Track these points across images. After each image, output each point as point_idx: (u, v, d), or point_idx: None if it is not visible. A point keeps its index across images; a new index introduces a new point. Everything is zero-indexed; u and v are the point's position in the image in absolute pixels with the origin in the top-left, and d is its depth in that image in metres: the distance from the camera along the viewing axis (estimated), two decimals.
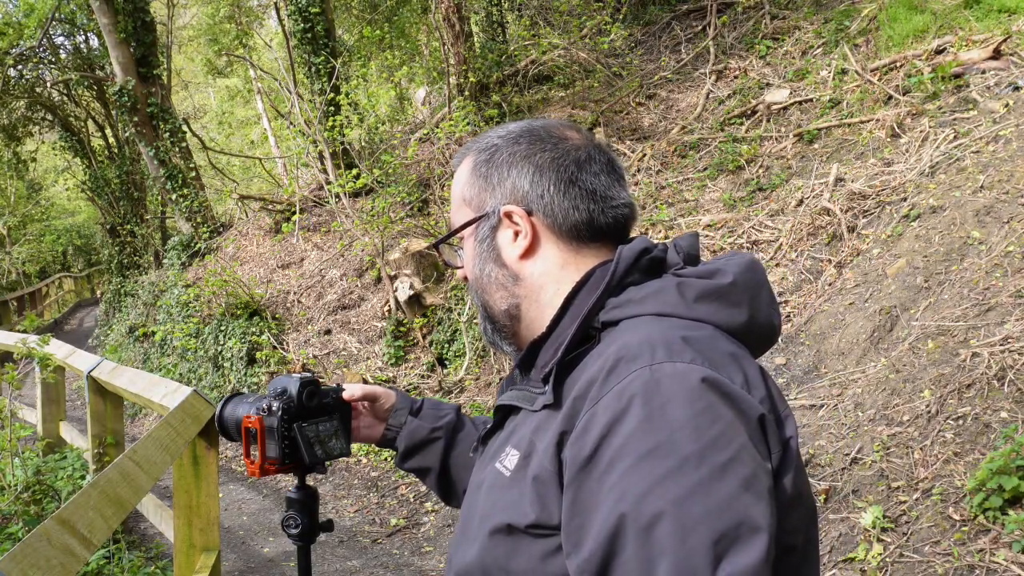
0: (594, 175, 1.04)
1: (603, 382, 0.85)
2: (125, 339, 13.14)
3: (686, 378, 0.82)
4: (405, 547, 5.16)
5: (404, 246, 7.84)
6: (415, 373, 7.31)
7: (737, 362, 0.88)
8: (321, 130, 9.34)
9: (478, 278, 1.09)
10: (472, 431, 1.40)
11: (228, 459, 7.43)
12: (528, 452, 0.92)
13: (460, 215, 1.12)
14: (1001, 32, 6.76)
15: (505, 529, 0.90)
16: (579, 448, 0.83)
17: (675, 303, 0.93)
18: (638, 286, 0.97)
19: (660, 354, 0.85)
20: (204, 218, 12.27)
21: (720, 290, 0.94)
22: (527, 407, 0.98)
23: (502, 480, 0.94)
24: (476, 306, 1.12)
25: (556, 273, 1.04)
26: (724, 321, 0.94)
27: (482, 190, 1.08)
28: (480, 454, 1.11)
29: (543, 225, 1.04)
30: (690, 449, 0.78)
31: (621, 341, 0.89)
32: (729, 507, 0.76)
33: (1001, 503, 3.09)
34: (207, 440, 3.49)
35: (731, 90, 8.78)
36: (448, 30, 10.25)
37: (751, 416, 0.83)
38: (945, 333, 4.25)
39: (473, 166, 1.10)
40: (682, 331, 0.89)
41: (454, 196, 1.13)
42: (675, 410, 0.80)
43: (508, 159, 1.06)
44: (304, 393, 1.30)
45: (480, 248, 1.08)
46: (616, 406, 0.82)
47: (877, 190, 6.01)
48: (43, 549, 1.73)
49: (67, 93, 17.31)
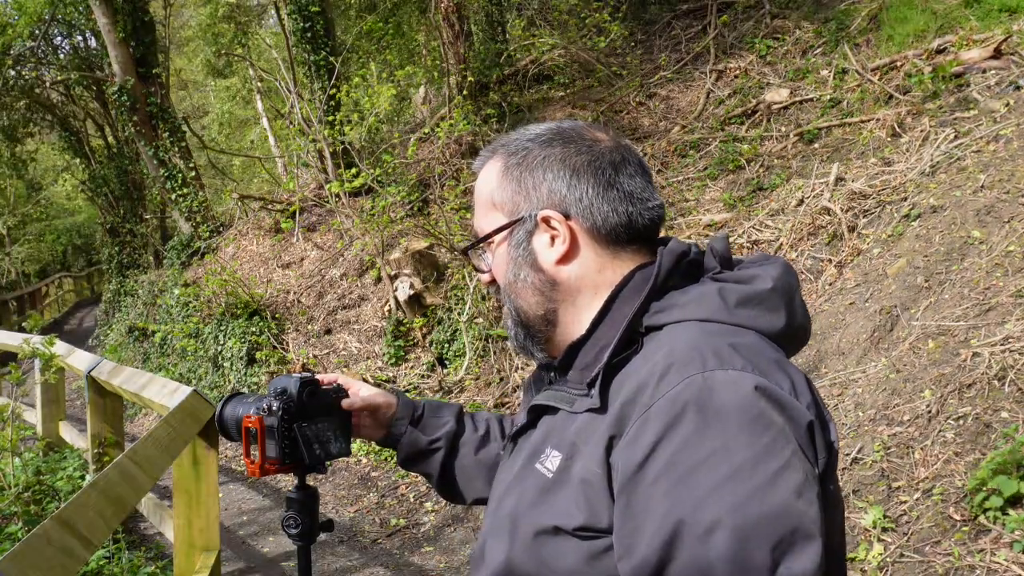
0: (630, 177, 1.04)
1: (655, 388, 0.86)
2: (125, 339, 13.13)
3: (739, 385, 0.83)
4: (405, 547, 5.16)
5: (404, 246, 7.84)
6: (415, 373, 7.30)
7: (783, 369, 0.89)
8: (321, 129, 9.33)
9: (512, 283, 1.07)
10: (473, 434, 1.39)
11: (228, 459, 7.42)
12: (571, 454, 0.93)
13: (490, 219, 1.09)
14: (1002, 31, 6.76)
15: (551, 530, 0.90)
16: (631, 453, 0.84)
17: (717, 308, 0.94)
18: (680, 290, 0.98)
19: (711, 361, 0.85)
20: (204, 218, 12.27)
21: (760, 296, 0.96)
22: (566, 408, 0.98)
23: (544, 481, 0.94)
24: (507, 311, 1.10)
25: (594, 277, 1.03)
26: (764, 326, 0.95)
27: (515, 193, 1.06)
28: (510, 452, 1.10)
29: (581, 229, 1.03)
30: (745, 456, 0.79)
31: (669, 346, 0.90)
32: (784, 513, 0.77)
33: (1001, 503, 3.08)
34: (207, 440, 3.49)
35: (731, 90, 8.78)
36: (448, 29, 10.25)
37: (801, 423, 0.84)
38: (945, 333, 4.25)
39: (504, 168, 1.08)
40: (729, 337, 0.90)
41: (480, 199, 1.11)
42: (729, 417, 0.81)
43: (543, 162, 1.05)
44: (304, 393, 1.29)
45: (515, 253, 1.06)
46: (670, 412, 0.83)
47: (877, 190, 6.01)
48: (43, 549, 1.73)
49: (66, 93, 17.30)
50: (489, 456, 1.38)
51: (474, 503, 1.43)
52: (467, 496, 1.41)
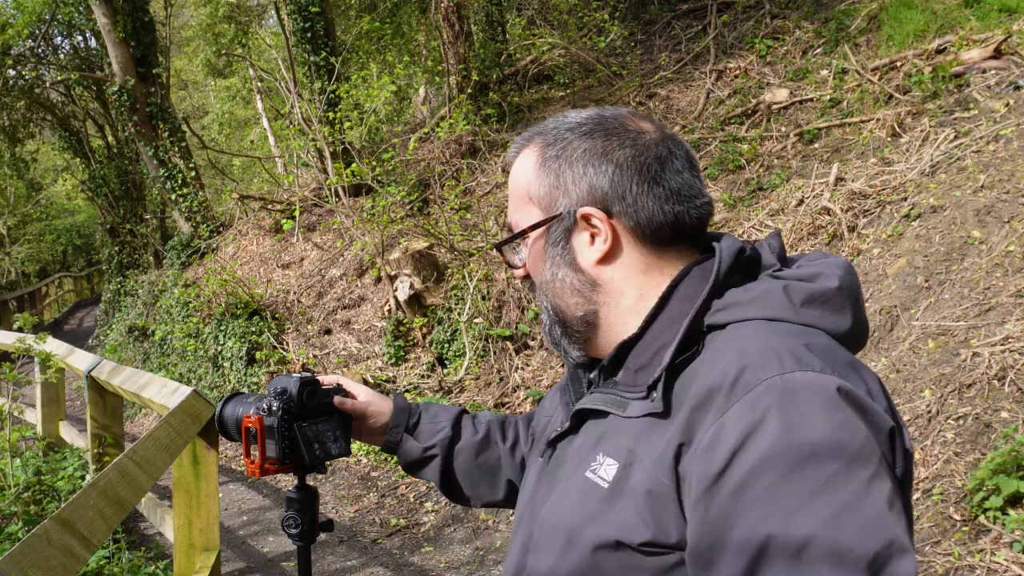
0: (676, 172, 0.97)
1: (729, 392, 0.80)
2: (125, 339, 13.13)
3: (822, 389, 0.77)
4: (405, 547, 5.16)
5: (404, 246, 7.84)
6: (415, 373, 7.30)
7: (857, 371, 0.84)
8: (321, 129, 9.34)
9: (549, 282, 1.01)
10: (473, 438, 1.36)
11: (228, 459, 7.42)
12: (629, 462, 0.87)
13: (525, 213, 1.03)
14: (1002, 31, 6.76)
15: (613, 545, 0.85)
16: (708, 463, 0.78)
17: (784, 307, 0.88)
18: (740, 288, 0.92)
19: (789, 362, 0.80)
20: (204, 218, 12.27)
21: (826, 295, 0.90)
22: (617, 412, 0.92)
23: (598, 491, 0.88)
24: (543, 308, 1.04)
25: (638, 278, 0.97)
26: (830, 327, 0.89)
27: (553, 188, 0.99)
28: (548, 458, 1.04)
29: (624, 228, 0.97)
30: (835, 465, 0.74)
31: (738, 347, 0.84)
32: (879, 526, 0.72)
33: (1001, 503, 3.08)
34: (207, 440, 3.49)
35: (731, 89, 8.78)
36: (448, 29, 10.25)
37: (883, 428, 0.79)
38: (945, 333, 4.25)
39: (541, 161, 1.01)
40: (803, 337, 0.84)
41: (516, 191, 1.04)
42: (814, 423, 0.75)
43: (583, 156, 0.98)
44: (304, 393, 1.29)
45: (553, 251, 1.00)
46: (749, 418, 0.77)
47: (877, 190, 6.01)
48: (43, 549, 1.73)
49: (66, 93, 17.30)
50: (490, 461, 1.36)
51: (484, 506, 1.41)
52: (474, 500, 1.39)
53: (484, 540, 5.05)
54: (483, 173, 9.27)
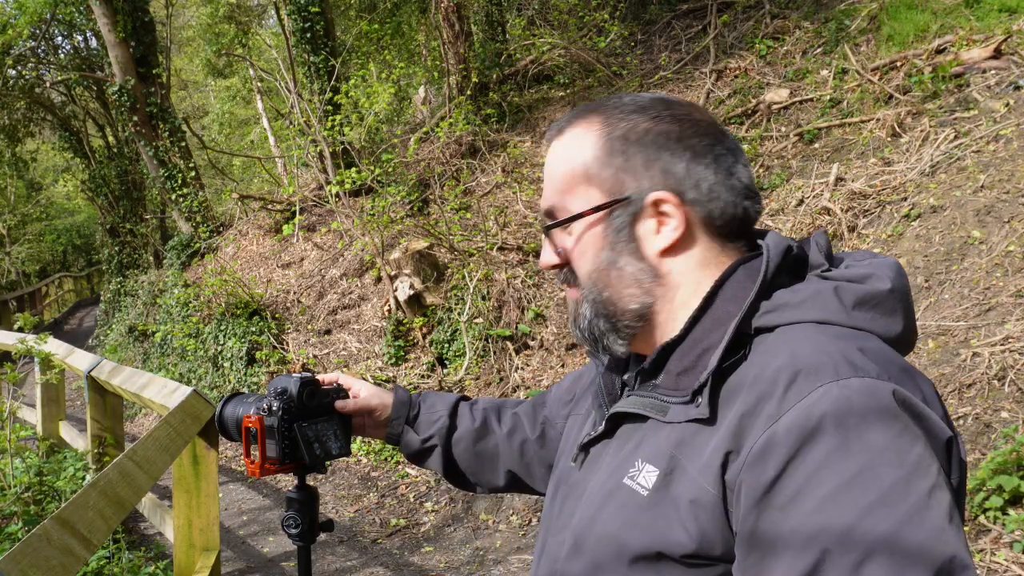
0: (744, 166, 0.93)
1: (781, 398, 0.76)
2: (125, 339, 13.14)
3: (880, 396, 0.74)
4: (405, 547, 5.16)
5: (404, 246, 7.84)
6: (415, 373, 7.30)
7: (912, 377, 0.80)
8: (321, 129, 9.34)
9: (602, 271, 0.94)
10: (470, 426, 1.36)
11: (228, 459, 7.42)
12: (670, 469, 0.83)
13: (580, 195, 0.95)
14: (1002, 31, 6.76)
15: (654, 556, 0.81)
16: (758, 473, 0.75)
17: (835, 310, 0.84)
18: (789, 289, 0.87)
19: (844, 368, 0.76)
20: (204, 218, 12.27)
21: (878, 296, 0.86)
22: (657, 417, 0.88)
23: (637, 499, 0.85)
24: (587, 299, 0.96)
25: (696, 272, 0.92)
26: (882, 330, 0.85)
27: (620, 170, 0.92)
28: (581, 462, 1.00)
29: (696, 218, 0.91)
30: (895, 476, 0.70)
31: (789, 351, 0.80)
32: (940, 540, 0.68)
33: (1001, 503, 3.09)
34: (207, 440, 3.49)
35: (731, 90, 8.78)
36: (448, 29, 10.25)
37: (941, 438, 0.75)
38: (945, 333, 4.24)
39: (607, 139, 0.94)
40: (855, 341, 0.80)
41: (566, 171, 0.96)
42: (873, 432, 0.72)
43: (657, 139, 0.92)
44: (304, 393, 1.30)
45: (615, 238, 0.93)
46: (804, 426, 0.73)
47: (877, 190, 6.01)
48: (43, 549, 1.73)
49: (67, 93, 17.31)
50: (488, 448, 1.35)
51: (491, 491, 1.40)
52: (479, 486, 1.39)
53: (484, 540, 5.05)
54: (483, 173, 9.27)
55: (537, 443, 1.33)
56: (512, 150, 9.43)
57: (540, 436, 1.33)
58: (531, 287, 7.42)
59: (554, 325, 7.11)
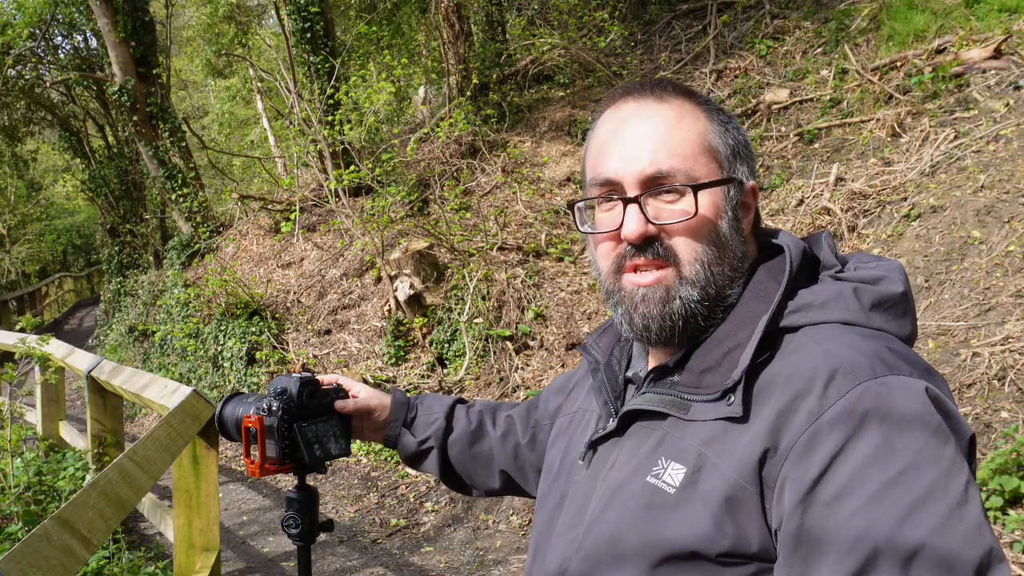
0: None
1: (821, 396, 0.77)
2: (125, 339, 13.14)
3: (917, 394, 0.76)
4: (405, 547, 5.16)
5: (404, 246, 7.84)
6: (415, 373, 7.30)
7: (933, 376, 0.81)
8: (321, 129, 9.34)
9: (722, 246, 0.92)
10: (466, 429, 1.36)
11: (228, 459, 7.42)
12: (698, 466, 0.83)
13: (701, 163, 0.92)
14: (1002, 31, 6.76)
15: (687, 555, 0.81)
16: (803, 469, 0.76)
17: (856, 310, 0.86)
18: (809, 289, 0.89)
19: (880, 367, 0.78)
20: (204, 218, 12.27)
21: (893, 299, 0.88)
22: (677, 415, 0.88)
23: (664, 497, 0.84)
24: (690, 280, 0.91)
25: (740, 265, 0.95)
26: (896, 331, 0.87)
27: (733, 151, 0.96)
28: (589, 460, 0.99)
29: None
30: (936, 473, 0.72)
31: (822, 350, 0.81)
32: (979, 533, 0.71)
33: (1002, 503, 3.09)
34: (207, 440, 3.49)
35: (731, 90, 8.78)
36: (448, 29, 10.25)
37: (965, 435, 0.77)
38: (945, 333, 4.24)
39: (717, 120, 0.96)
40: (884, 340, 0.83)
41: (680, 135, 0.92)
42: (914, 430, 0.74)
43: (735, 131, 0.97)
44: (304, 393, 1.30)
45: (732, 215, 0.93)
46: (848, 423, 0.75)
47: (877, 190, 6.01)
48: (43, 549, 1.73)
49: (66, 93, 17.30)
50: (483, 450, 1.35)
51: (488, 494, 1.41)
52: (474, 488, 1.40)
53: (484, 540, 5.05)
54: (483, 173, 9.27)
55: (528, 447, 1.33)
56: (512, 150, 9.43)
57: (531, 440, 1.33)
58: (531, 287, 7.42)
59: (554, 325, 7.11)
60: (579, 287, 7.47)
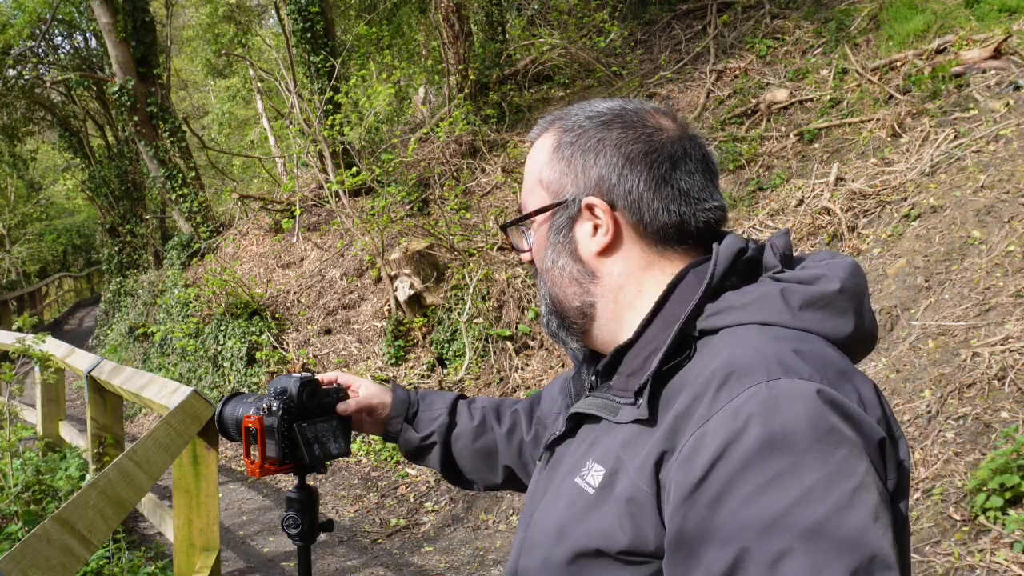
0: (688, 174, 0.94)
1: (712, 399, 0.78)
2: (125, 339, 13.14)
3: (807, 397, 0.75)
4: (405, 547, 5.16)
5: (404, 246, 7.84)
6: (415, 373, 7.31)
7: (851, 379, 0.81)
8: (321, 129, 9.34)
9: (549, 270, 1.00)
10: (469, 423, 1.37)
11: (228, 459, 7.42)
12: (615, 469, 0.85)
13: (534, 197, 1.02)
14: (1002, 31, 6.76)
15: (593, 553, 0.84)
16: (686, 472, 0.76)
17: (780, 311, 0.85)
18: (737, 291, 0.89)
19: (776, 369, 0.77)
20: (204, 218, 12.27)
21: (826, 298, 0.86)
22: (608, 417, 0.90)
23: (585, 498, 0.87)
24: (542, 297, 1.03)
25: (638, 275, 0.95)
26: (830, 331, 0.86)
27: (563, 175, 0.98)
28: (546, 461, 1.02)
29: (627, 223, 0.95)
30: (817, 476, 0.71)
31: (727, 352, 0.82)
32: (861, 539, 0.70)
33: (1002, 503, 3.09)
34: (207, 440, 3.49)
35: (731, 89, 8.78)
36: (447, 29, 10.25)
37: (872, 438, 0.76)
38: (945, 333, 4.25)
39: (556, 146, 0.99)
40: (793, 343, 0.81)
41: (529, 173, 1.03)
42: (798, 433, 0.73)
43: (596, 145, 0.96)
44: (304, 393, 1.30)
45: (555, 239, 0.99)
46: (730, 427, 0.75)
47: (877, 190, 6.01)
48: (43, 549, 1.73)
49: (66, 93, 17.30)
50: (487, 445, 1.36)
51: (488, 488, 1.42)
52: (476, 484, 1.41)
53: (484, 540, 5.05)
54: (483, 173, 9.27)
55: (532, 443, 1.35)
56: (512, 150, 9.43)
57: (535, 437, 1.34)
58: (531, 287, 7.42)
59: None
60: None
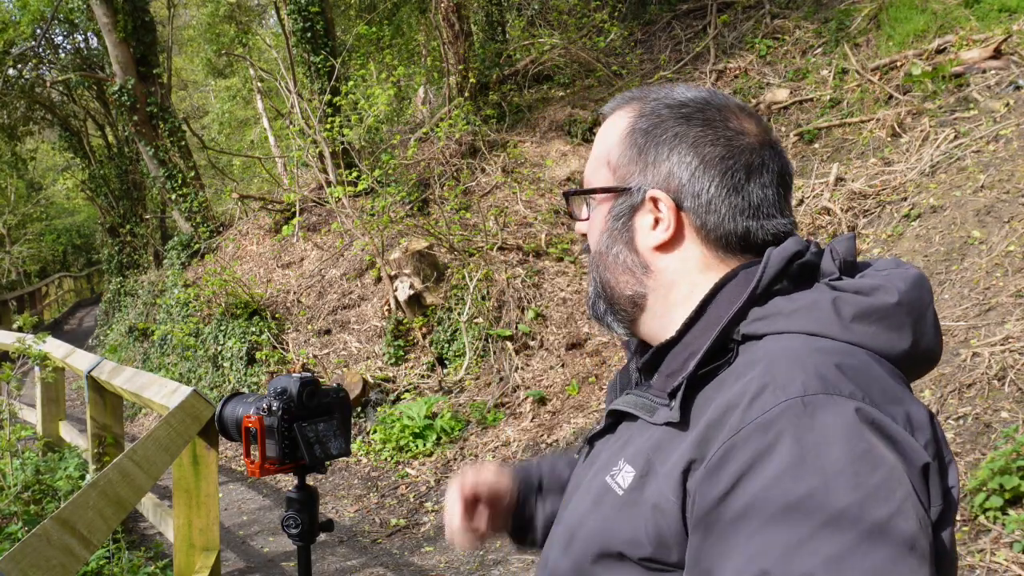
0: (762, 187, 0.90)
1: (745, 410, 0.74)
2: (125, 339, 13.14)
3: (845, 415, 0.71)
4: (405, 547, 5.16)
5: (404, 246, 7.84)
6: (415, 373, 7.30)
7: (899, 398, 0.76)
8: (321, 129, 9.34)
9: (603, 254, 0.97)
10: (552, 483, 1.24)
11: (228, 459, 7.42)
12: (645, 472, 0.82)
13: (599, 175, 0.98)
14: (1001, 31, 6.76)
15: (616, 556, 0.82)
16: (712, 484, 0.73)
17: (829, 322, 0.80)
18: (787, 296, 0.84)
19: (814, 384, 0.73)
20: (204, 218, 12.26)
21: (881, 311, 0.81)
22: (645, 417, 0.87)
23: (613, 498, 0.84)
24: (591, 279, 0.99)
25: (694, 275, 0.91)
26: (883, 347, 0.80)
27: (632, 161, 0.94)
28: (585, 455, 1.00)
29: (690, 224, 0.91)
30: (848, 499, 0.67)
31: (766, 362, 0.78)
32: (891, 571, 0.65)
33: (1002, 503, 3.09)
34: (207, 440, 3.49)
35: (731, 90, 8.78)
36: (447, 29, 10.25)
37: (916, 463, 0.71)
38: (945, 333, 4.25)
39: (630, 129, 0.95)
40: (837, 357, 0.77)
41: (598, 148, 0.99)
42: (831, 452, 0.69)
43: (671, 139, 0.92)
44: (304, 393, 1.30)
45: (613, 224, 0.95)
46: (760, 441, 0.71)
47: (877, 190, 6.01)
48: (43, 549, 1.73)
49: (67, 92, 17.30)
50: None
51: None
52: None
53: None
54: (483, 173, 9.27)
55: None
56: (512, 150, 9.42)
57: None
58: (531, 287, 7.42)
59: (554, 325, 7.11)
60: (579, 287, 7.47)
